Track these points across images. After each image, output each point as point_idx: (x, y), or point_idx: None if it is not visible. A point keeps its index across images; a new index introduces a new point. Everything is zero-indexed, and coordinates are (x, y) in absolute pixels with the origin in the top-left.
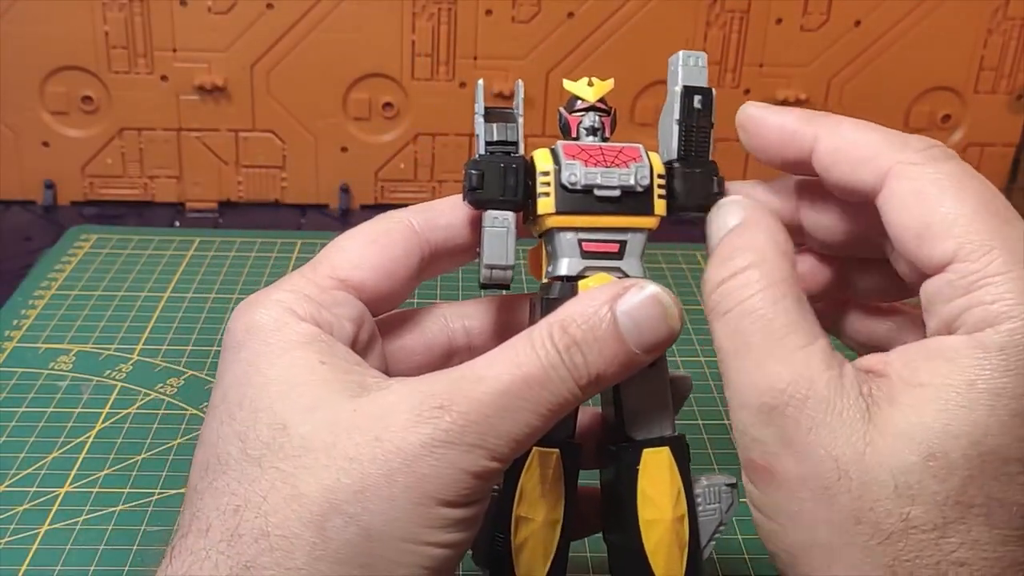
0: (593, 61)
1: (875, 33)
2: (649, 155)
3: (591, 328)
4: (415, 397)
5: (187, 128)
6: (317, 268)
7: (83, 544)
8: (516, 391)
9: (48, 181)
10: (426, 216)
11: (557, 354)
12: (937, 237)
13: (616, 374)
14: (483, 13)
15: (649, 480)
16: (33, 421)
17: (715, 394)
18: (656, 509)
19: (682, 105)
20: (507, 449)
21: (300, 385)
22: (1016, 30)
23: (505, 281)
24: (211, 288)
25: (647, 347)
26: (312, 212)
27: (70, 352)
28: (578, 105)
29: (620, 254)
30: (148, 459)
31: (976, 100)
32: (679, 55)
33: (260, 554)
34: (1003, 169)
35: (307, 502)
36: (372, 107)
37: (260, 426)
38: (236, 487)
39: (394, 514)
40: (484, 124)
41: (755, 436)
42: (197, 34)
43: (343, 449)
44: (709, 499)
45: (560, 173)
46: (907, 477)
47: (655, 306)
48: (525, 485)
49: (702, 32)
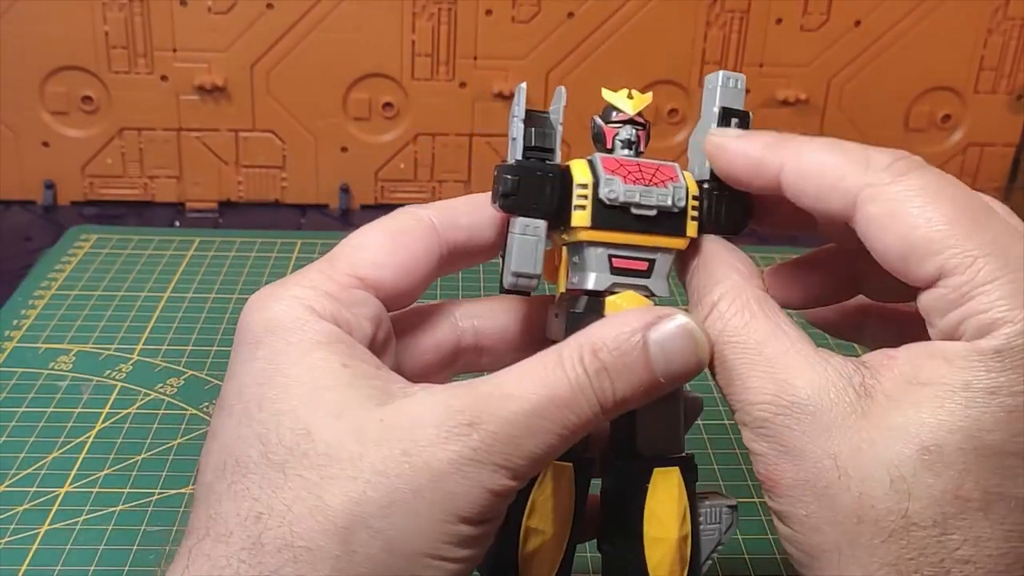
0: (593, 61)
1: (875, 33)
2: (685, 175)
3: (622, 354)
4: (442, 411)
5: (187, 128)
6: (336, 264)
7: (83, 544)
8: (543, 411)
9: (48, 181)
10: (447, 215)
11: (586, 377)
12: (921, 257)
13: (639, 399)
14: (483, 13)
15: (657, 499)
16: (33, 421)
17: (720, 407)
18: (662, 528)
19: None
20: (528, 468)
21: (323, 389)
22: (1016, 30)
23: (530, 289)
24: (211, 288)
25: (674, 377)
26: (312, 212)
27: (70, 352)
28: (615, 116)
29: (648, 272)
30: (148, 459)
31: (976, 100)
32: (719, 75)
33: (283, 564)
34: (1003, 169)
35: (332, 514)
36: (372, 107)
37: (283, 430)
38: (258, 492)
39: (419, 530)
40: (523, 128)
41: (755, 451)
42: (197, 34)
43: (370, 461)
44: (710, 519)
45: (599, 187)
46: (901, 471)
47: (687, 338)
48: (537, 498)
49: (702, 32)
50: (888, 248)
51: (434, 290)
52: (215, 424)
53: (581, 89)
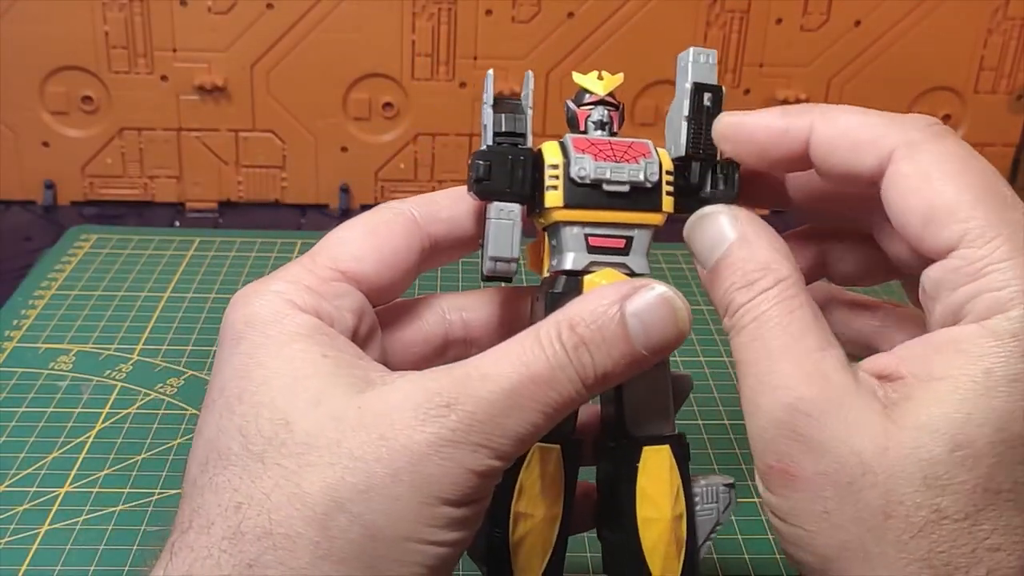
0: (593, 61)
1: (875, 33)
2: (658, 151)
3: (600, 328)
4: (420, 394)
5: (187, 128)
6: (316, 259)
7: (83, 544)
8: (522, 390)
9: (48, 181)
10: (428, 208)
11: (565, 353)
12: (942, 222)
13: (622, 374)
14: (483, 13)
15: (648, 478)
16: (33, 421)
17: (715, 394)
18: (655, 508)
19: (692, 102)
20: (511, 448)
21: (303, 379)
22: (1016, 30)
23: (509, 274)
24: (211, 288)
25: (655, 348)
26: (312, 212)
27: (70, 352)
28: (587, 99)
29: (626, 250)
30: (148, 459)
31: (976, 100)
32: (689, 51)
33: (263, 552)
34: (1003, 169)
35: (311, 500)
36: (372, 107)
37: (262, 420)
38: (238, 483)
39: (399, 513)
40: (493, 114)
41: (773, 439)
42: (197, 34)
43: (348, 447)
44: (707, 499)
45: (569, 167)
46: (935, 469)
47: (665, 307)
48: (525, 481)
49: (702, 32)
50: (912, 209)
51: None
52: (200, 421)
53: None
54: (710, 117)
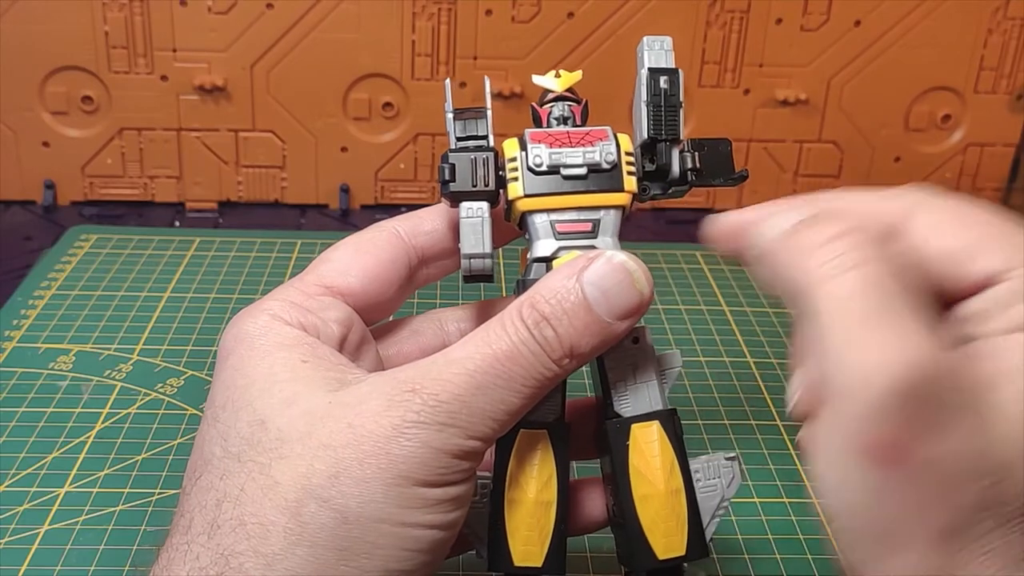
0: (593, 61)
1: (875, 33)
2: (617, 136)
3: (559, 301)
4: (388, 384)
5: (187, 128)
6: (305, 278)
7: (83, 544)
8: (487, 369)
9: (48, 181)
10: (411, 223)
11: (527, 330)
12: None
13: (593, 346)
14: (483, 13)
15: (640, 455)
16: (33, 421)
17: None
18: (648, 484)
19: (648, 86)
20: (484, 428)
21: (280, 383)
22: (1016, 30)
23: (486, 271)
24: (211, 288)
25: (617, 314)
26: (312, 212)
27: (70, 352)
28: (548, 97)
29: (594, 232)
30: (148, 459)
31: (976, 100)
32: (644, 40)
33: (237, 542)
34: (1003, 169)
35: (282, 490)
36: (372, 107)
37: (240, 424)
38: (217, 483)
39: (368, 496)
40: (453, 121)
41: (892, 411)
42: (197, 34)
43: (318, 437)
44: (709, 475)
45: (527, 157)
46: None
47: (620, 272)
48: (513, 469)
49: (702, 32)
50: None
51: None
52: (196, 434)
53: (581, 89)
54: (669, 99)
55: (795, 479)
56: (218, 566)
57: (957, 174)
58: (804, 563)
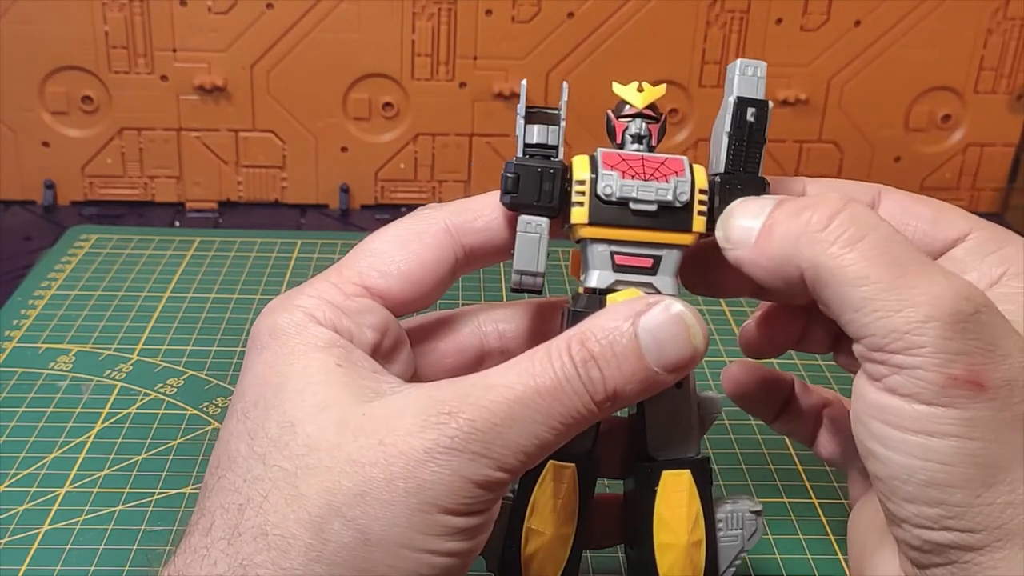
0: (593, 61)
1: (875, 33)
2: (693, 168)
3: (610, 343)
4: (424, 402)
5: (187, 128)
6: (343, 272)
7: (83, 544)
8: (527, 401)
9: (48, 181)
10: (463, 218)
11: (573, 367)
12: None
13: (635, 392)
14: (483, 13)
15: (667, 503)
16: (33, 421)
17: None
18: (671, 533)
19: (734, 117)
20: (515, 460)
21: (313, 384)
22: (1016, 30)
23: (535, 287)
24: (211, 288)
25: (668, 367)
26: (312, 212)
27: (70, 352)
28: (626, 110)
29: (653, 270)
30: (148, 459)
31: (976, 100)
32: (736, 63)
33: (257, 552)
34: (1003, 169)
35: (307, 503)
36: (372, 107)
37: (269, 423)
38: (240, 484)
39: (392, 519)
40: (525, 125)
41: (957, 349)
42: (197, 34)
43: (347, 451)
44: (731, 525)
45: (596, 183)
46: None
47: (679, 325)
48: (538, 498)
49: (702, 32)
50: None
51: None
52: (222, 427)
53: (581, 89)
54: (753, 133)
55: (795, 479)
56: (235, 574)
57: (957, 174)
58: (804, 563)
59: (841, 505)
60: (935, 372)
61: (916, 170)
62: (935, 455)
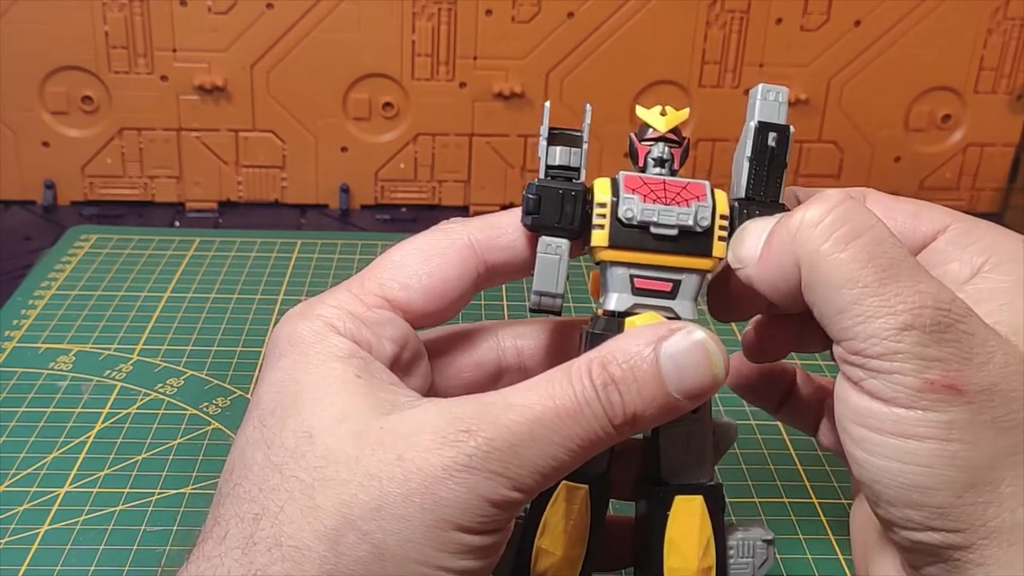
0: (593, 61)
1: (875, 33)
2: (715, 194)
3: (631, 368)
4: (443, 419)
5: (187, 128)
6: (365, 283)
7: (83, 544)
8: (546, 422)
9: (48, 181)
10: (487, 234)
11: (593, 390)
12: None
13: (654, 417)
14: (483, 13)
15: (678, 528)
16: (33, 421)
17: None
18: (682, 559)
19: (755, 142)
20: (531, 481)
21: (332, 395)
22: (1016, 30)
23: (555, 308)
24: (211, 288)
25: (688, 393)
26: (312, 212)
27: (70, 352)
28: (648, 134)
29: (673, 294)
30: (148, 459)
31: (976, 100)
32: (759, 88)
33: (271, 563)
34: (1003, 169)
35: (323, 515)
36: (372, 107)
37: (287, 432)
38: (256, 493)
39: (408, 535)
40: (547, 147)
41: (934, 355)
42: (197, 34)
43: (365, 465)
44: (742, 553)
45: (617, 206)
46: None
47: (700, 352)
48: (549, 519)
49: (702, 32)
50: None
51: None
52: (237, 433)
53: (581, 89)
54: (774, 158)
55: (795, 479)
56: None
57: (957, 174)
58: (804, 563)
59: (841, 505)
60: (912, 377)
61: (916, 170)
62: (915, 458)
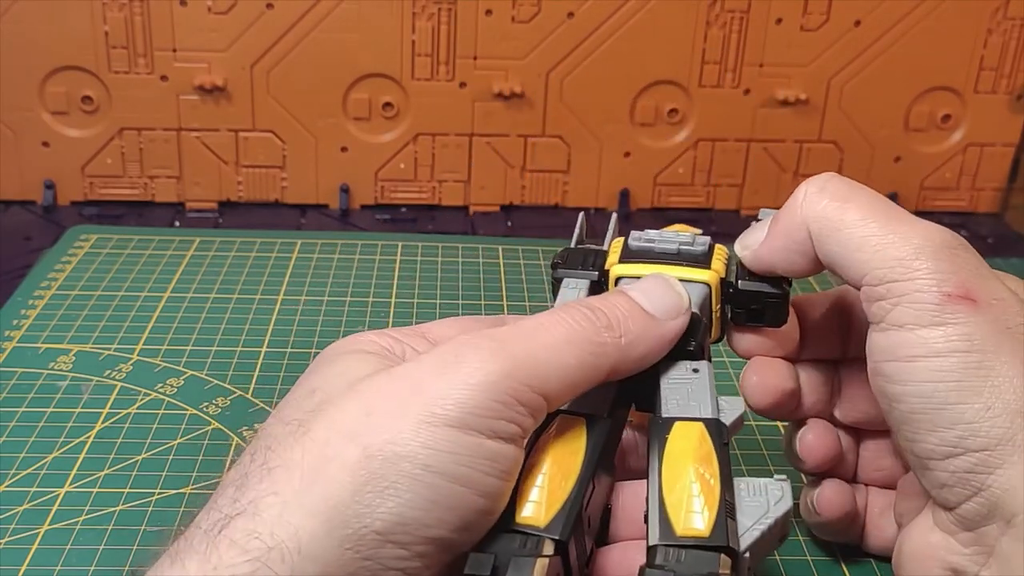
0: (593, 61)
1: (875, 33)
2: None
3: (606, 299)
4: (442, 347)
5: (187, 128)
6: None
7: (83, 544)
8: (538, 324)
9: (48, 181)
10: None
11: (579, 310)
12: None
13: (638, 335)
14: (483, 13)
15: (676, 444)
16: (33, 421)
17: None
18: (679, 465)
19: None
20: (531, 380)
21: (347, 369)
22: (1016, 30)
23: None
24: (211, 288)
25: (662, 311)
26: (312, 212)
27: (70, 352)
28: None
29: None
30: (148, 459)
31: (976, 100)
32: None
33: (262, 491)
34: (1003, 169)
35: (312, 435)
36: (372, 107)
37: (294, 397)
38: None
39: (396, 430)
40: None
41: (949, 268)
42: (197, 34)
43: (358, 389)
44: (753, 491)
45: (627, 242)
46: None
47: (660, 280)
48: (542, 441)
49: (702, 32)
50: None
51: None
52: None
53: (581, 89)
54: None
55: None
56: (235, 509)
57: (957, 174)
58: (804, 564)
59: None
60: (931, 292)
61: (916, 170)
62: (943, 375)
